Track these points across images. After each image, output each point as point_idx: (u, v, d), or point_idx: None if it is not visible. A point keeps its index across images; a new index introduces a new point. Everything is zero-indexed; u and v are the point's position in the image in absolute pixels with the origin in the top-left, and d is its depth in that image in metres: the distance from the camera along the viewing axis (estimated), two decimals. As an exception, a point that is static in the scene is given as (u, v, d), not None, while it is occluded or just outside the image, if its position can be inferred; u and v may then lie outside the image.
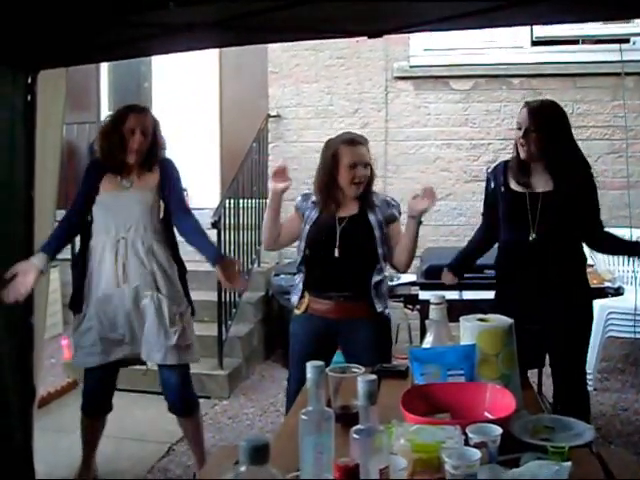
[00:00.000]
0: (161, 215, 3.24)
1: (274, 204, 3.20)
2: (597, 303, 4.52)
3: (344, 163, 3.15)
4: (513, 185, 3.15)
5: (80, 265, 3.25)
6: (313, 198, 3.28)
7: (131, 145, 3.15)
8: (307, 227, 3.23)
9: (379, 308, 3.18)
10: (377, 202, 3.23)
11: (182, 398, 3.32)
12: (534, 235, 3.08)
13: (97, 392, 3.30)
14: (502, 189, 3.19)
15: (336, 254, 3.14)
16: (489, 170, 3.35)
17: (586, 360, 3.33)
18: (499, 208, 3.23)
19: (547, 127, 3.03)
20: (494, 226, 3.28)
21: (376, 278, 3.17)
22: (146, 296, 3.17)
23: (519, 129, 3.07)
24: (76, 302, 3.26)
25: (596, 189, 3.17)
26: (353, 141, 3.21)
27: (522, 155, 3.07)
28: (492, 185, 3.25)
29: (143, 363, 3.34)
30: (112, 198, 3.19)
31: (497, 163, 3.33)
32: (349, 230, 3.16)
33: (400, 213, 3.27)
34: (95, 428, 3.37)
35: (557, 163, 3.07)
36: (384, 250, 3.20)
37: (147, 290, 3.18)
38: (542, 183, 3.10)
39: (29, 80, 3.09)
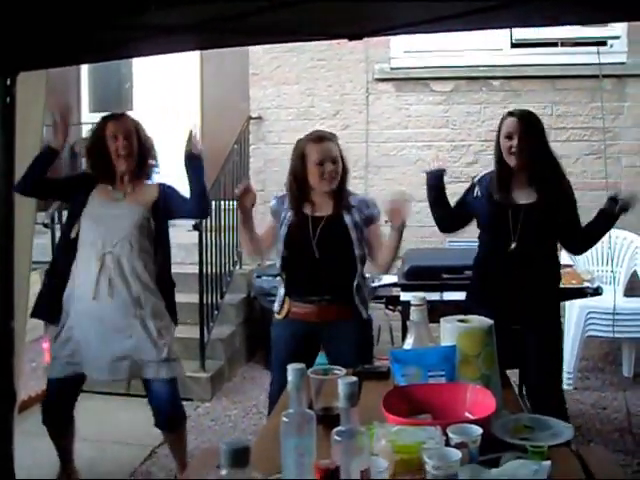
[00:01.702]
0: (152, 233, 3.24)
1: (247, 222, 3.21)
2: (576, 303, 4.58)
3: (311, 160, 3.14)
4: (496, 197, 3.20)
5: (60, 274, 3.24)
6: (287, 200, 3.27)
7: (116, 152, 3.15)
8: (284, 228, 3.22)
9: (362, 311, 3.20)
10: (354, 202, 3.21)
11: (171, 413, 3.31)
12: (514, 244, 3.14)
13: (57, 403, 3.27)
14: (485, 200, 3.25)
15: (316, 255, 3.14)
16: (475, 179, 3.37)
17: (561, 360, 3.38)
18: (479, 217, 3.29)
19: (536, 134, 3.12)
20: (459, 221, 3.43)
21: (357, 281, 3.17)
22: (130, 314, 3.17)
23: (508, 137, 3.10)
24: (48, 310, 3.26)
25: (575, 199, 3.26)
26: (320, 138, 3.20)
27: (512, 163, 3.13)
28: (476, 194, 3.30)
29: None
30: (101, 209, 3.19)
31: (484, 174, 3.36)
32: (325, 231, 3.16)
33: (379, 213, 3.26)
34: (64, 439, 3.34)
35: (541, 173, 3.13)
36: (362, 251, 3.18)
37: (130, 308, 3.17)
38: (524, 195, 3.17)
39: (8, 82, 3.06)
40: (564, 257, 4.28)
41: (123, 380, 3.31)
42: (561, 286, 3.48)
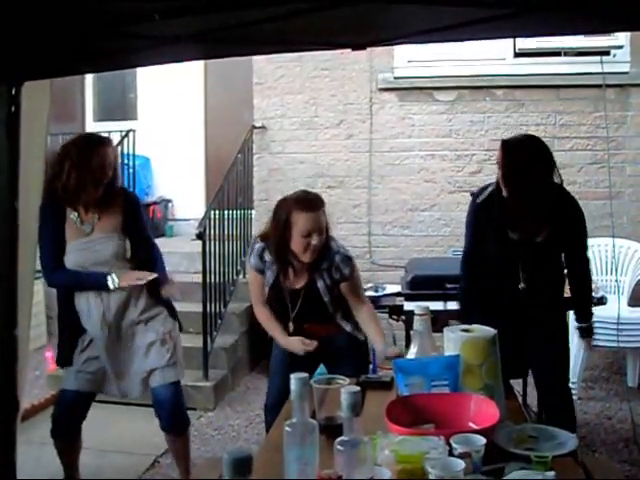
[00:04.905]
0: (128, 254, 3.22)
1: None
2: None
3: (297, 230, 2.97)
4: (508, 231, 3.12)
5: (66, 313, 3.26)
6: (266, 256, 3.16)
7: (100, 180, 3.09)
8: (266, 289, 3.22)
9: (357, 336, 3.23)
10: (325, 265, 3.09)
11: (177, 416, 3.31)
12: (523, 285, 3.14)
13: (70, 416, 3.27)
14: (495, 228, 3.16)
15: (291, 328, 3.20)
16: (478, 201, 3.25)
17: (569, 368, 3.37)
18: (487, 242, 3.23)
19: (524, 163, 3.01)
20: (478, 252, 3.28)
21: (338, 320, 3.22)
22: (135, 332, 3.21)
23: (498, 166, 3.08)
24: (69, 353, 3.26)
25: (585, 227, 3.19)
26: (308, 206, 3.00)
27: (504, 192, 3.08)
28: (483, 220, 3.22)
29: None
30: (78, 249, 3.15)
31: (486, 194, 3.23)
32: (301, 305, 3.16)
33: (352, 268, 3.14)
34: (70, 450, 3.34)
35: (539, 206, 3.05)
36: (335, 306, 3.17)
37: (135, 326, 3.21)
38: (533, 229, 3.10)
39: (13, 91, 3.08)
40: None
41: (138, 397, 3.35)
42: (565, 296, 3.47)
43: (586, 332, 3.37)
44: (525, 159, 3.02)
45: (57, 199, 3.16)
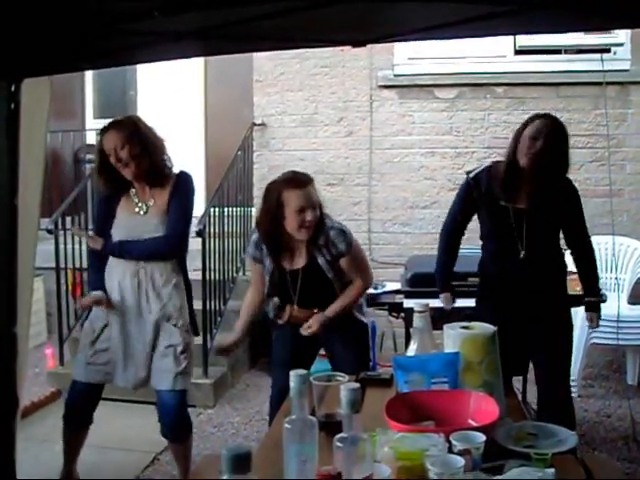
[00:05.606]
0: None
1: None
2: (580, 310, 4.55)
3: (291, 207, 2.99)
4: (500, 198, 3.15)
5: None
6: (263, 244, 3.19)
7: (116, 166, 3.14)
8: (267, 277, 3.24)
9: (360, 318, 3.22)
10: (322, 241, 3.11)
11: (180, 422, 3.33)
12: (524, 252, 3.13)
13: (82, 405, 3.29)
14: (488, 205, 3.20)
15: (295, 305, 3.20)
16: (471, 176, 3.29)
17: (570, 366, 3.37)
18: (482, 219, 3.27)
19: (562, 139, 3.08)
20: (463, 230, 3.37)
21: None
22: (160, 326, 3.21)
23: (534, 138, 3.04)
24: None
25: (580, 199, 3.24)
26: (299, 183, 3.02)
27: (524, 163, 3.05)
28: (475, 194, 3.25)
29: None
30: (132, 226, 3.19)
31: (479, 170, 3.29)
32: (306, 284, 3.17)
33: (348, 242, 3.16)
34: (77, 439, 3.35)
35: (548, 178, 3.09)
36: (340, 283, 3.19)
37: (161, 320, 3.21)
38: (528, 198, 3.13)
39: (13, 88, 3.07)
40: (569, 263, 4.28)
41: (143, 387, 3.35)
42: (570, 293, 3.47)
43: (593, 306, 3.39)
44: (558, 133, 3.08)
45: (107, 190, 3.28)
